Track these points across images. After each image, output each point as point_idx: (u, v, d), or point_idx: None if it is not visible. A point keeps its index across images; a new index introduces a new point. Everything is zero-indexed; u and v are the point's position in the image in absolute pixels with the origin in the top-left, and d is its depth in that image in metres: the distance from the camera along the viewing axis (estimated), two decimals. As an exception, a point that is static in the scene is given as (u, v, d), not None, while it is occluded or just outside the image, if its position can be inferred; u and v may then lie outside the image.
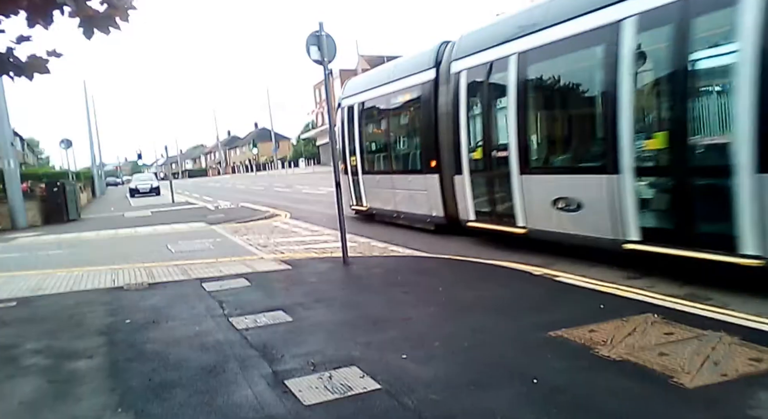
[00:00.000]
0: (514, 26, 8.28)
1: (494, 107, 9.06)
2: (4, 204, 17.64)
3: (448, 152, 9.97)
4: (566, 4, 7.43)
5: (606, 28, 6.58)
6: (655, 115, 6.65)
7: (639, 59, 6.37)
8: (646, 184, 6.43)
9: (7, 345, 5.13)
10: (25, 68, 3.95)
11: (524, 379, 3.65)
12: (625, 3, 6.34)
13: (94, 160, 47.84)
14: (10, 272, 8.97)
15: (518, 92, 8.13)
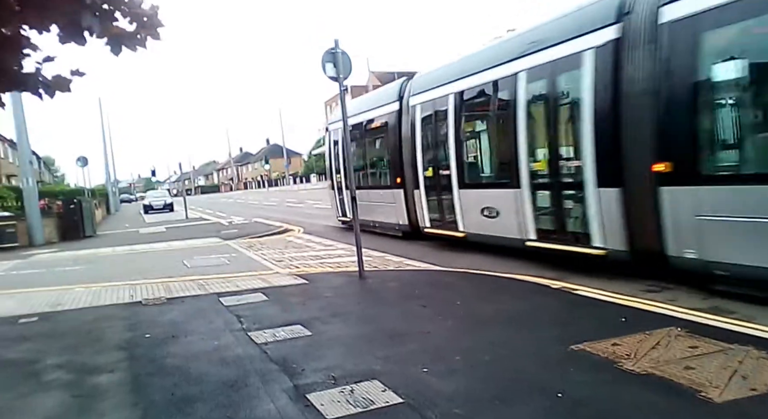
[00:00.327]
0: (452, 71, 10.48)
1: (439, 134, 10.98)
2: (23, 221, 17.87)
3: (409, 170, 12.13)
4: (482, 58, 9.64)
5: (506, 78, 8.72)
6: (540, 143, 8.42)
7: (528, 102, 8.26)
8: (538, 196, 8.27)
9: (29, 359, 5.18)
10: (50, 87, 4.05)
11: (548, 393, 3.62)
12: (518, 61, 8.37)
13: (109, 177, 48.40)
14: (30, 288, 9.07)
15: (454, 123, 10.26)
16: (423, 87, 11.50)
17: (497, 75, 8.97)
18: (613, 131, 6.82)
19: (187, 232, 18.89)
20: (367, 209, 13.65)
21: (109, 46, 3.89)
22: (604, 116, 6.89)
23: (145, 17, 3.87)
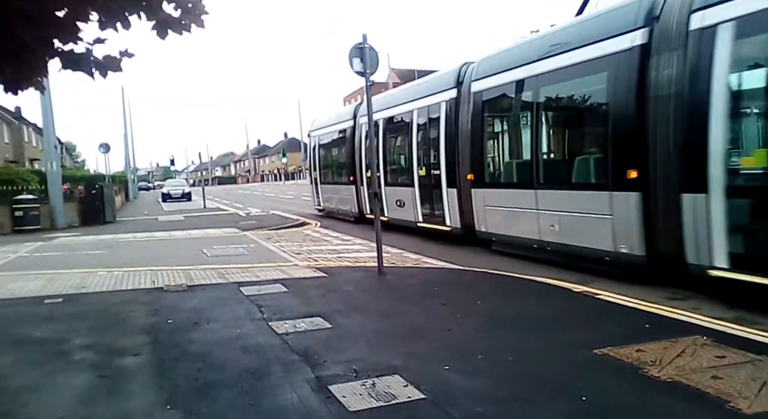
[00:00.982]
0: (380, 102, 13.51)
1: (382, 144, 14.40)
2: (46, 204, 18.15)
3: (360, 171, 15.85)
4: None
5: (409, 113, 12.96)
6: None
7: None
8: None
9: (56, 339, 5.28)
10: (101, 66, 4.12)
11: (571, 396, 3.61)
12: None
13: (129, 164, 49.00)
14: (54, 270, 9.22)
15: (383, 138, 14.20)
16: (381, 106, 13.28)
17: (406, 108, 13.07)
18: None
19: (205, 221, 19.07)
20: (332, 199, 18.63)
21: (156, 31, 3.95)
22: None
23: (191, 4, 3.92)
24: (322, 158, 20.54)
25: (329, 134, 19.06)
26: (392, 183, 13.97)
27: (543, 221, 8.55)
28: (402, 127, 13.55)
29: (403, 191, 13.25)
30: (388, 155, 14.51)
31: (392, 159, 14.55)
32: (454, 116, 10.88)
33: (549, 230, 8.44)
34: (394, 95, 14.62)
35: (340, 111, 19.38)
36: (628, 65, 6.92)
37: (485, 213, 10.07)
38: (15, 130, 39.45)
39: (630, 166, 6.90)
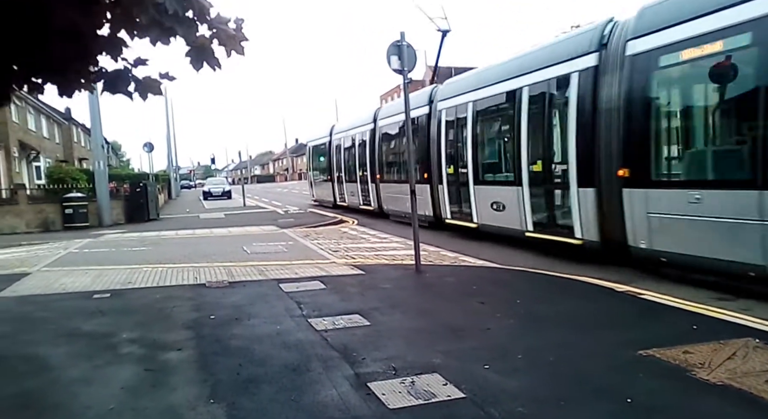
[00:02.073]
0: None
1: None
2: (93, 202, 18.80)
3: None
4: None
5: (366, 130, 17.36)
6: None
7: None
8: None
9: (104, 333, 5.45)
10: (141, 87, 4.23)
11: (616, 398, 3.52)
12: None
13: (171, 163, 50.25)
14: (102, 266, 9.53)
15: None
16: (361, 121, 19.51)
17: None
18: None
19: (245, 219, 19.40)
20: (325, 192, 24.12)
21: (189, 58, 4.03)
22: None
23: (228, 34, 3.99)
24: (316, 162, 24.64)
25: (323, 144, 22.31)
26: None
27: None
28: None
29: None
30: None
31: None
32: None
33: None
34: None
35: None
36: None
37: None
38: (65, 130, 40.98)
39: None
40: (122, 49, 4.13)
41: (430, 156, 13.53)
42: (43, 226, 18.10)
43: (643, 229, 7.30)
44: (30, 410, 3.77)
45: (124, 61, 4.25)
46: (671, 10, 6.91)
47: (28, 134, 31.47)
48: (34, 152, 31.45)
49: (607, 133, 7.98)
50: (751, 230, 5.84)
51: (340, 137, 21.47)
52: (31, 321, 6.06)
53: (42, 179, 29.99)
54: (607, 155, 7.97)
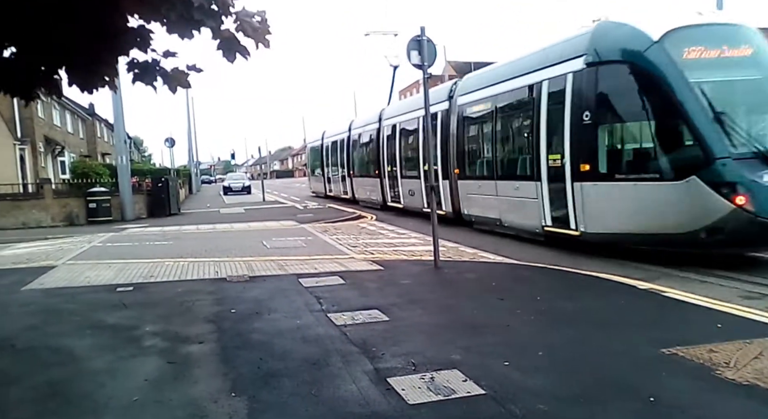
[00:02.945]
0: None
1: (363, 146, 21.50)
2: (116, 197, 19.07)
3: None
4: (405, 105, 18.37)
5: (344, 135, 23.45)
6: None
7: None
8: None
9: (128, 326, 5.55)
10: (170, 79, 4.28)
11: (639, 396, 3.48)
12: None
13: (192, 159, 50.77)
14: (125, 260, 9.68)
15: (384, 142, 18.63)
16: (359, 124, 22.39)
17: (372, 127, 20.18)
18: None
19: (264, 214, 19.55)
20: (319, 186, 29.10)
21: (222, 51, 4.07)
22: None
23: (253, 26, 4.02)
24: (314, 159, 30.67)
25: (320, 145, 27.54)
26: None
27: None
28: (413, 130, 16.09)
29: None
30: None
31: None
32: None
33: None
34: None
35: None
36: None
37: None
38: (89, 126, 41.66)
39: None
40: (150, 41, 4.18)
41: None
42: (68, 220, 18.43)
43: (465, 203, 13.03)
44: (57, 399, 3.85)
45: (153, 52, 4.31)
46: (469, 83, 12.96)
47: (54, 129, 32.05)
48: (59, 147, 32.04)
49: (452, 148, 13.45)
50: (495, 200, 11.55)
51: (359, 132, 22.13)
52: (57, 313, 6.19)
53: (66, 174, 30.52)
54: (451, 161, 13.49)
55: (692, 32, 7.91)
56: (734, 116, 7.43)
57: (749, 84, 7.91)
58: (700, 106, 7.34)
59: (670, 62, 7.56)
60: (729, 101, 7.71)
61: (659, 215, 7.70)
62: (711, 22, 8.21)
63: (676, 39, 7.72)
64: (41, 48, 4.09)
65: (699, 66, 7.59)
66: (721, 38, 7.85)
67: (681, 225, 7.47)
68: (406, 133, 16.65)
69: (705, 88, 7.50)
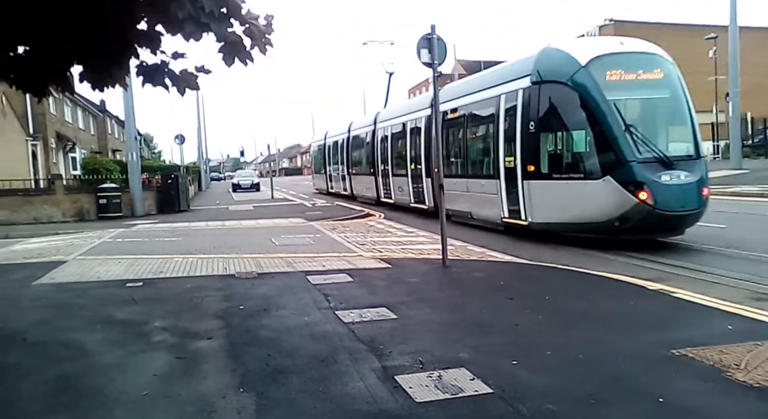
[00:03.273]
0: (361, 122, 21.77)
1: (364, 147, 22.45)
2: (126, 193, 19.21)
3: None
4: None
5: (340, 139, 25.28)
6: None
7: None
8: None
9: (138, 321, 5.58)
10: (179, 80, 4.30)
11: (648, 397, 3.46)
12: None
13: (202, 155, 50.99)
14: (135, 255, 9.75)
15: (378, 144, 20.17)
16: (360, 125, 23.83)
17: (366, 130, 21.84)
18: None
19: (273, 211, 19.60)
20: (323, 183, 30.33)
21: (222, 54, 4.09)
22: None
23: (259, 30, 4.04)
24: (318, 158, 31.63)
25: (324, 144, 29.69)
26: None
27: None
28: (402, 132, 18.14)
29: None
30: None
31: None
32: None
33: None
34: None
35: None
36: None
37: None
38: (100, 122, 41.98)
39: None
40: (160, 43, 4.21)
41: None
42: (79, 215, 18.58)
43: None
44: (69, 393, 3.89)
45: (162, 54, 4.34)
46: (446, 93, 13.88)
47: (65, 125, 32.31)
48: (71, 144, 32.29)
49: (432, 150, 13.66)
50: (467, 196, 13.00)
51: (357, 133, 23.70)
52: (68, 308, 6.24)
53: (77, 170, 30.77)
54: (432, 161, 14.10)
55: (613, 58, 9.50)
56: (643, 127, 9.12)
57: (659, 102, 9.74)
58: (615, 119, 8.97)
59: (593, 83, 9.17)
60: (641, 115, 9.56)
61: (585, 208, 9.34)
62: (630, 50, 9.81)
63: (600, 64, 9.30)
64: (53, 47, 4.13)
65: (618, 87, 9.26)
66: (638, 64, 9.49)
67: (600, 215, 9.15)
68: (396, 135, 18.23)
69: (621, 104, 9.18)
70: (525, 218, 10.47)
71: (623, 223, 8.94)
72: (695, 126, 9.51)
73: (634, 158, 8.80)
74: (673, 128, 9.83)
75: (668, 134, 9.72)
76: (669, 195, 8.72)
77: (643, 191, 8.62)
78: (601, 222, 9.16)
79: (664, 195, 8.69)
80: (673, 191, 8.78)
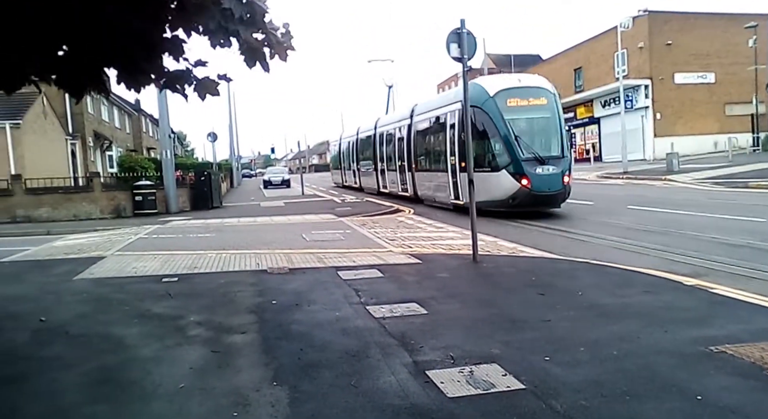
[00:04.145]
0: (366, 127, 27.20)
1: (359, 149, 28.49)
2: (161, 190, 19.64)
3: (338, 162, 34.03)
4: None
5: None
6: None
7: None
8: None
9: (174, 315, 5.72)
10: (200, 87, 4.38)
11: (685, 394, 3.39)
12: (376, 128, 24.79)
13: (233, 153, 51.70)
14: (170, 251, 9.97)
15: (378, 145, 24.61)
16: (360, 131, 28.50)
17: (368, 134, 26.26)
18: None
19: (303, 207, 19.78)
20: (338, 178, 34.56)
21: (244, 57, 4.15)
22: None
23: (277, 40, 4.10)
24: (334, 157, 36.94)
25: (338, 143, 34.81)
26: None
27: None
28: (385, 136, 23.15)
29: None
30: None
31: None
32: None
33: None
34: (380, 120, 25.49)
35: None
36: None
37: (421, 185, 19.82)
38: (135, 121, 42.93)
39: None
40: (184, 50, 4.29)
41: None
42: (115, 212, 19.09)
43: (418, 187, 18.70)
44: (108, 385, 4.01)
45: (185, 61, 4.42)
46: (419, 108, 18.77)
47: (102, 124, 33.16)
48: (107, 142, 33.14)
49: (411, 150, 19.29)
50: (431, 185, 17.35)
51: (363, 135, 27.85)
52: (107, 302, 6.43)
53: (114, 168, 31.59)
54: (412, 159, 19.31)
55: (512, 91, 14.00)
56: (527, 137, 13.51)
57: (540, 120, 14.08)
58: (509, 132, 13.36)
59: (496, 108, 13.60)
60: (527, 129, 13.78)
61: (492, 191, 13.42)
62: (524, 85, 14.37)
63: (502, 95, 13.81)
64: (91, 49, 4.24)
65: (513, 110, 13.70)
66: (529, 94, 14.05)
67: (501, 196, 13.50)
68: (390, 138, 22.40)
69: (515, 122, 13.54)
70: (461, 200, 14.76)
71: (514, 200, 13.36)
72: (563, 135, 13.98)
73: (520, 158, 13.17)
74: (548, 137, 13.93)
75: (543, 141, 13.85)
76: (541, 182, 13.10)
77: (525, 179, 13.06)
78: (503, 200, 13.47)
79: (538, 182, 13.09)
80: (544, 178, 13.13)
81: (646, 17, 35.22)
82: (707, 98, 36.12)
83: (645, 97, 35.56)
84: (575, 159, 33.86)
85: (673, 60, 35.38)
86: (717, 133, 35.11)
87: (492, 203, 13.48)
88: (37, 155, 23.15)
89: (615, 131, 34.10)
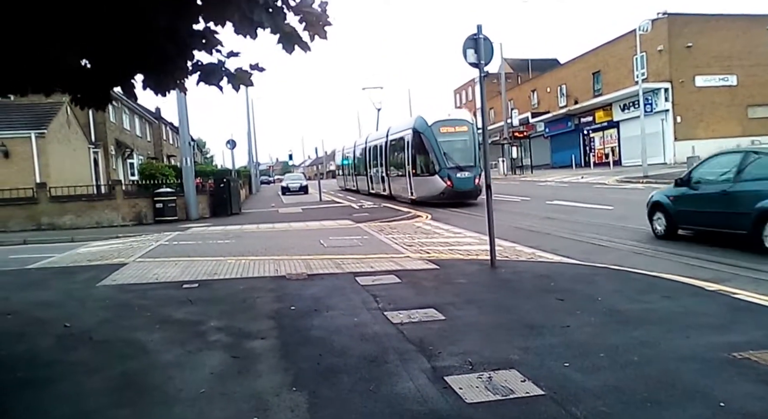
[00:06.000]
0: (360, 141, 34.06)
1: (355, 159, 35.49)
2: (181, 197, 19.89)
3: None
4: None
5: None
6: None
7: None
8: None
9: (195, 321, 5.79)
10: (234, 79, 4.42)
11: (708, 401, 3.35)
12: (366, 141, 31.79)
13: (252, 160, 52.19)
14: (190, 257, 10.10)
15: (367, 155, 31.07)
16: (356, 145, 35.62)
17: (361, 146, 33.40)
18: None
19: (321, 213, 19.89)
20: (349, 182, 37.87)
21: (281, 44, 4.16)
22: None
23: (315, 17, 4.07)
24: (343, 166, 40.74)
25: (347, 150, 38.16)
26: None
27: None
28: (374, 149, 28.89)
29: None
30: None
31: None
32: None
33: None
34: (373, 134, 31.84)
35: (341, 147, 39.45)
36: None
37: (398, 187, 25.14)
38: (155, 129, 43.60)
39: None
40: (216, 43, 4.33)
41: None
42: (137, 219, 19.38)
43: (392, 188, 25.43)
44: (131, 389, 4.08)
45: (218, 53, 4.46)
46: (391, 130, 26.20)
47: (124, 133, 33.72)
48: (129, 150, 33.68)
49: (386, 160, 26.11)
50: (398, 186, 24.48)
51: (359, 147, 33.68)
52: (129, 308, 6.54)
53: (135, 175, 32.07)
54: (386, 167, 26.06)
55: (444, 122, 20.55)
56: (452, 153, 19.79)
57: (461, 141, 20.35)
58: (440, 150, 19.72)
59: (432, 134, 20.03)
60: (452, 148, 19.94)
61: (430, 189, 20.18)
62: (452, 118, 21.00)
63: (437, 124, 20.29)
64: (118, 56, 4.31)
65: (444, 135, 20.09)
66: (454, 124, 20.63)
67: (435, 192, 19.91)
68: (374, 151, 28.54)
69: (444, 143, 19.86)
70: (414, 195, 21.52)
71: (443, 195, 19.56)
72: (476, 151, 19.86)
73: (446, 166, 19.54)
74: (466, 153, 20.18)
75: (462, 155, 20.08)
76: (460, 182, 19.41)
77: (449, 181, 19.38)
78: (436, 195, 19.82)
79: (458, 182, 19.40)
80: (462, 180, 19.45)
81: (665, 20, 34.85)
82: (729, 101, 35.55)
83: (665, 101, 35.09)
84: (594, 163, 40.32)
85: (694, 62, 34.92)
86: (739, 136, 34.46)
87: (430, 197, 20.17)
88: (61, 163, 23.63)
89: (635, 134, 33.67)
